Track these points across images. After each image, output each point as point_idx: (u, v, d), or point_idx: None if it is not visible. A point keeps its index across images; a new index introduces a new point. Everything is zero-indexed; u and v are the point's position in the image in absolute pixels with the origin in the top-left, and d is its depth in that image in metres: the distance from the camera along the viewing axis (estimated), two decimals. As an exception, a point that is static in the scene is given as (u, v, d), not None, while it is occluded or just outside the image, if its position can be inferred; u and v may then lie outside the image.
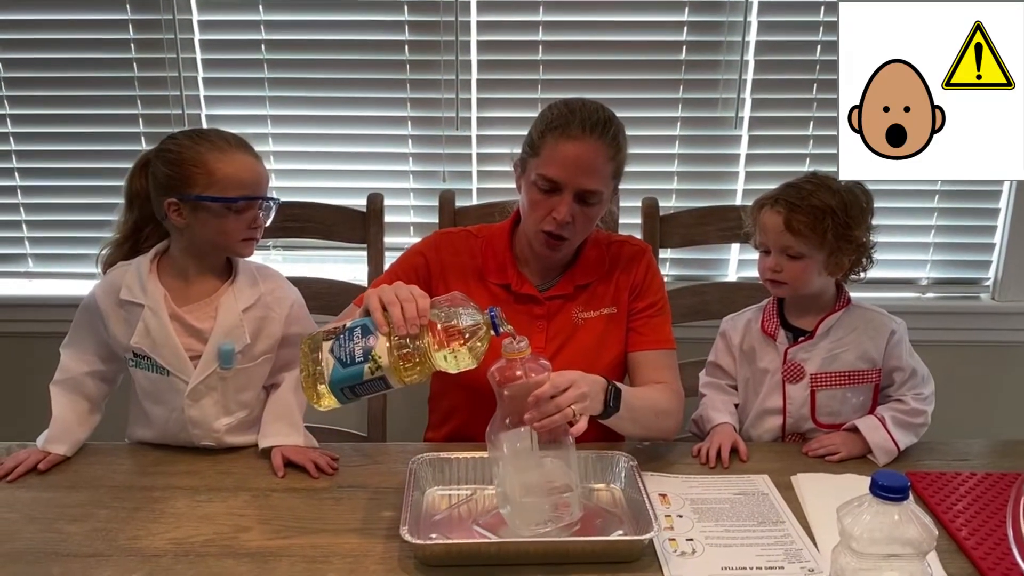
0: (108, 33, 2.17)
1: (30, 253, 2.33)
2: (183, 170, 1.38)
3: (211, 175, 1.38)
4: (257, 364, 1.48)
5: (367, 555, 1.17)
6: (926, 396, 1.52)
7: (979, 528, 1.25)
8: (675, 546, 1.20)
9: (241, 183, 1.39)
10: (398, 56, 2.17)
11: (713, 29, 2.15)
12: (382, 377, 1.15)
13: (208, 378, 1.43)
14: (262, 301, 1.47)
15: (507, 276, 1.56)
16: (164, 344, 1.40)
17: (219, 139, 1.41)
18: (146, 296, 1.41)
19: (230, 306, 1.44)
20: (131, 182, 1.47)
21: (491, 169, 2.23)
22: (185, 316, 1.42)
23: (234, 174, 1.39)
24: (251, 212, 1.41)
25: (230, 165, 1.39)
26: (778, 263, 1.50)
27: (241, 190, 1.39)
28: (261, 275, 1.50)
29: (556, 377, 1.21)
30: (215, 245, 1.43)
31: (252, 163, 1.42)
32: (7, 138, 2.24)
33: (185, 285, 1.44)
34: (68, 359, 1.47)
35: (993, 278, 2.31)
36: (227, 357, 1.42)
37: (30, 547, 1.19)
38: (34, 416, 1.48)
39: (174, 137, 1.43)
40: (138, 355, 1.43)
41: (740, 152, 2.23)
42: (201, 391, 1.43)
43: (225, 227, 1.40)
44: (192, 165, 1.38)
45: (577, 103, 1.46)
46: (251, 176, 1.41)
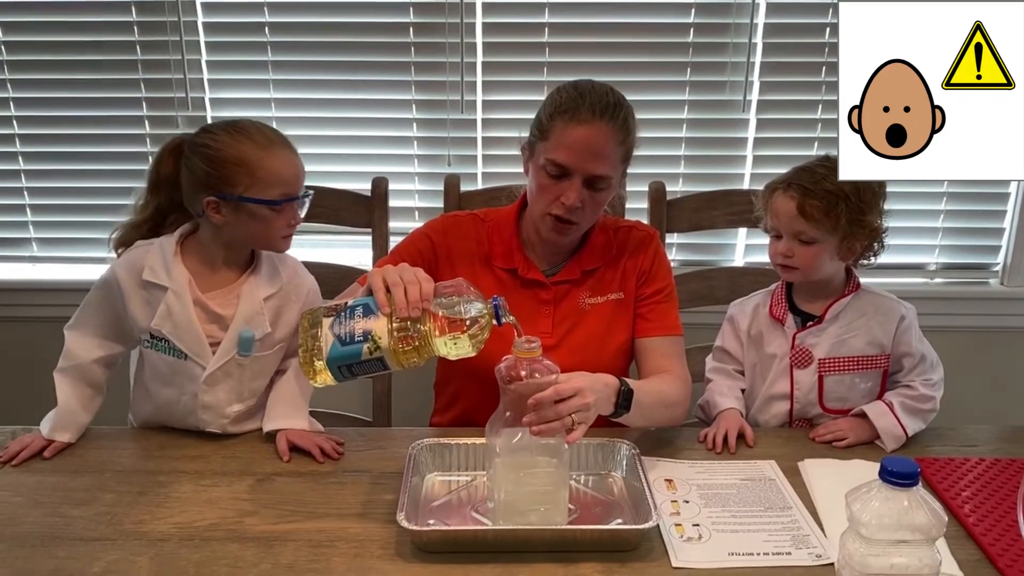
0: (111, 16, 2.15)
1: (34, 237, 2.33)
2: (224, 169, 1.36)
3: (253, 175, 1.36)
4: (273, 353, 1.48)
5: (371, 539, 1.17)
6: (935, 382, 1.51)
7: (988, 514, 1.24)
8: (681, 531, 1.20)
9: (283, 181, 1.38)
10: (403, 39, 2.15)
11: (721, 11, 2.13)
12: (380, 358, 1.15)
13: (226, 364, 1.42)
14: (283, 290, 1.47)
15: (513, 261, 1.55)
16: (186, 328, 1.40)
17: (259, 135, 1.39)
18: (170, 279, 1.40)
19: (252, 294, 1.43)
20: (158, 166, 1.44)
21: (496, 153, 2.22)
22: (208, 302, 1.41)
23: (276, 173, 1.37)
24: (291, 209, 1.41)
25: (272, 164, 1.37)
26: (790, 248, 1.48)
27: (283, 188, 1.38)
28: (281, 263, 1.49)
29: (562, 383, 1.19)
30: (254, 242, 1.44)
31: (292, 160, 1.40)
32: (11, 122, 2.23)
33: (210, 271, 1.44)
34: (73, 343, 1.45)
35: (1002, 263, 2.29)
36: (247, 344, 1.42)
37: (35, 531, 1.19)
38: (39, 401, 1.48)
39: (211, 131, 1.40)
40: (155, 337, 1.42)
41: (748, 136, 2.21)
42: (217, 377, 1.42)
43: (266, 226, 1.39)
44: (234, 164, 1.36)
45: (586, 86, 1.44)
46: (292, 173, 1.40)
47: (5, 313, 2.31)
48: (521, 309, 1.38)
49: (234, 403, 1.45)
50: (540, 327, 1.52)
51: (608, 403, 1.30)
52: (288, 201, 1.39)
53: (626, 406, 1.33)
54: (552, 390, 1.17)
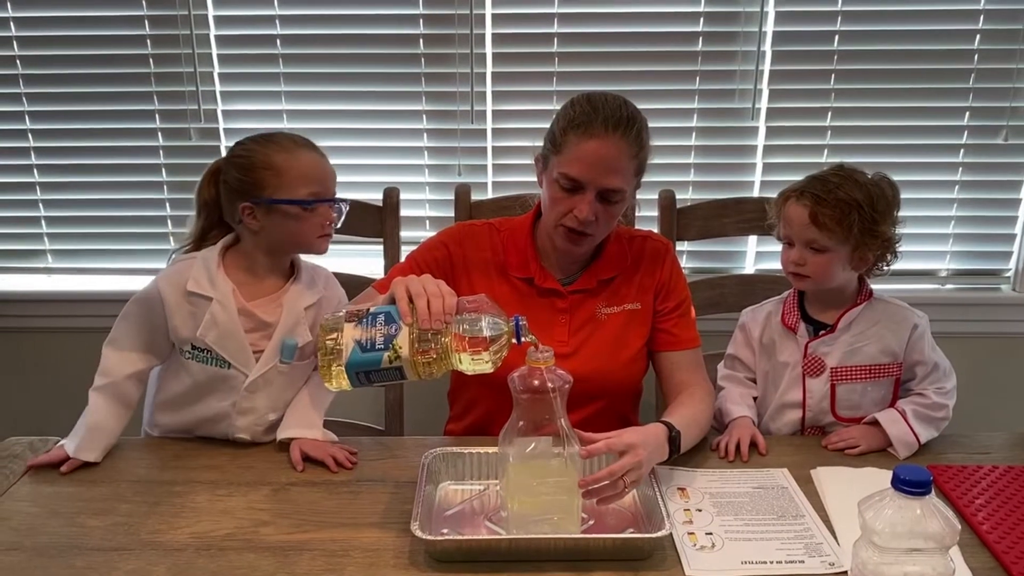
0: (124, 30, 2.18)
1: (49, 249, 2.35)
2: (254, 174, 1.41)
3: (280, 176, 1.41)
4: (308, 362, 1.50)
5: (386, 549, 1.18)
6: (948, 390, 1.51)
7: (1002, 522, 1.24)
8: (694, 540, 1.20)
9: (309, 180, 1.42)
10: (413, 50, 2.17)
11: (730, 20, 2.13)
12: (399, 367, 1.15)
13: (267, 372, 1.45)
14: (320, 300, 1.50)
15: (530, 270, 1.56)
16: (231, 337, 1.42)
17: (286, 140, 1.44)
18: (215, 289, 1.43)
19: (294, 302, 1.47)
20: (201, 191, 1.50)
21: (506, 162, 2.23)
22: (254, 310, 1.44)
23: (301, 173, 1.42)
24: (323, 210, 1.44)
25: (298, 165, 1.42)
26: (802, 256, 1.49)
27: (310, 187, 1.42)
28: (316, 274, 1.54)
29: (614, 439, 1.22)
30: (291, 244, 1.47)
31: (318, 160, 1.45)
32: (26, 135, 2.26)
33: (253, 280, 1.47)
34: (112, 359, 1.46)
35: (1014, 269, 2.28)
36: (289, 352, 1.45)
37: (53, 541, 1.20)
38: (53, 411, 1.49)
39: (243, 143, 1.46)
40: (196, 347, 1.44)
41: (758, 143, 2.21)
42: (258, 384, 1.45)
43: (300, 227, 1.43)
44: (263, 168, 1.41)
45: (600, 99, 1.44)
46: (318, 173, 1.44)
47: (21, 324, 2.33)
48: (538, 318, 1.39)
49: (271, 411, 1.48)
50: (556, 336, 1.52)
51: (662, 453, 1.32)
52: (318, 202, 1.42)
53: (676, 449, 1.36)
54: (606, 471, 1.19)
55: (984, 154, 2.21)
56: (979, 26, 2.12)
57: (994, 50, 2.13)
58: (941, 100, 2.17)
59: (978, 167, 2.22)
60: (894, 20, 2.12)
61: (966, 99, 2.17)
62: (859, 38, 2.14)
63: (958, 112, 2.18)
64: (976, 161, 2.21)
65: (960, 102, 2.17)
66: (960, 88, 2.16)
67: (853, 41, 2.14)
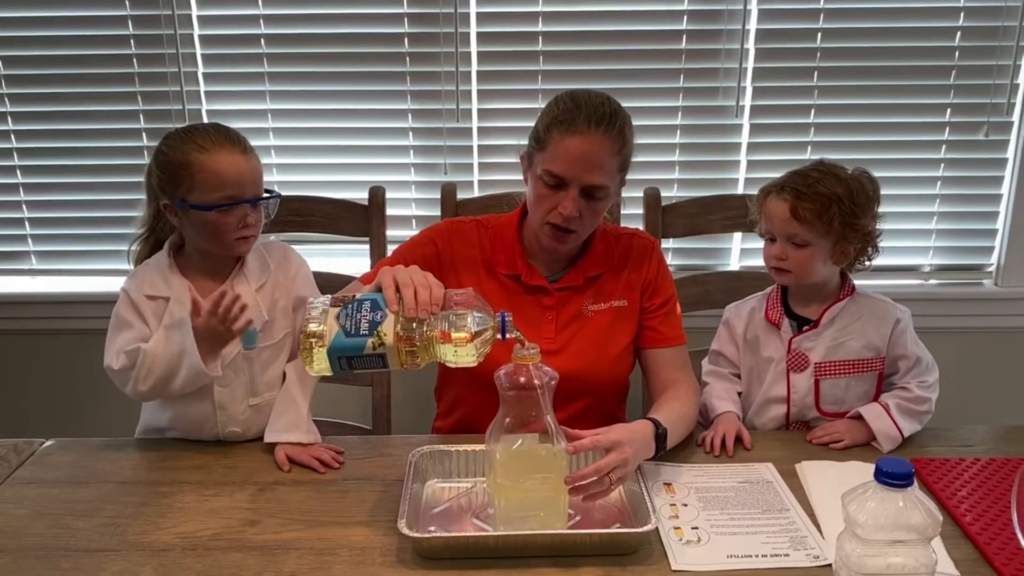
0: (108, 29, 2.17)
1: (33, 250, 2.34)
2: (170, 172, 1.39)
3: (192, 178, 1.37)
4: (277, 342, 1.49)
5: (374, 547, 1.18)
6: (930, 384, 1.52)
7: (983, 513, 1.25)
8: (680, 535, 1.20)
9: (224, 183, 1.37)
10: (398, 48, 2.17)
11: (713, 18, 2.14)
12: (382, 355, 1.15)
13: (234, 361, 1.44)
14: (272, 276, 1.49)
15: (517, 267, 1.56)
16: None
17: (207, 136, 1.39)
18: (170, 289, 1.43)
19: (244, 288, 1.45)
20: (147, 176, 1.46)
21: (492, 161, 2.23)
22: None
23: (216, 176, 1.37)
24: (239, 212, 1.40)
25: (211, 165, 1.37)
26: (783, 251, 1.50)
27: (224, 190, 1.37)
28: (268, 251, 1.52)
29: (600, 436, 1.23)
30: (210, 244, 1.44)
31: (236, 161, 1.39)
32: (8, 136, 2.24)
33: (202, 274, 1.46)
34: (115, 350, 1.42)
35: (996, 264, 2.31)
36: (249, 338, 1.43)
37: (39, 543, 1.20)
38: (37, 413, 1.48)
39: (168, 136, 1.43)
40: None
41: (742, 141, 2.22)
42: (229, 376, 1.44)
43: (214, 229, 1.40)
44: (177, 168, 1.38)
45: (583, 96, 1.45)
46: (233, 175, 1.38)
47: (4, 326, 2.31)
48: (525, 315, 1.39)
49: (248, 397, 1.47)
50: (543, 333, 1.53)
51: (648, 450, 1.33)
52: (227, 206, 1.38)
53: (663, 446, 1.37)
54: (592, 467, 1.19)
55: (965, 150, 2.23)
56: (960, 23, 2.14)
57: (975, 47, 2.15)
58: (923, 97, 2.19)
59: (960, 163, 2.24)
60: (876, 18, 2.14)
61: (947, 96, 2.19)
62: (842, 36, 2.15)
63: (939, 109, 2.20)
64: (958, 157, 2.23)
65: (941, 99, 2.19)
66: (941, 85, 2.18)
67: (836, 39, 2.15)
